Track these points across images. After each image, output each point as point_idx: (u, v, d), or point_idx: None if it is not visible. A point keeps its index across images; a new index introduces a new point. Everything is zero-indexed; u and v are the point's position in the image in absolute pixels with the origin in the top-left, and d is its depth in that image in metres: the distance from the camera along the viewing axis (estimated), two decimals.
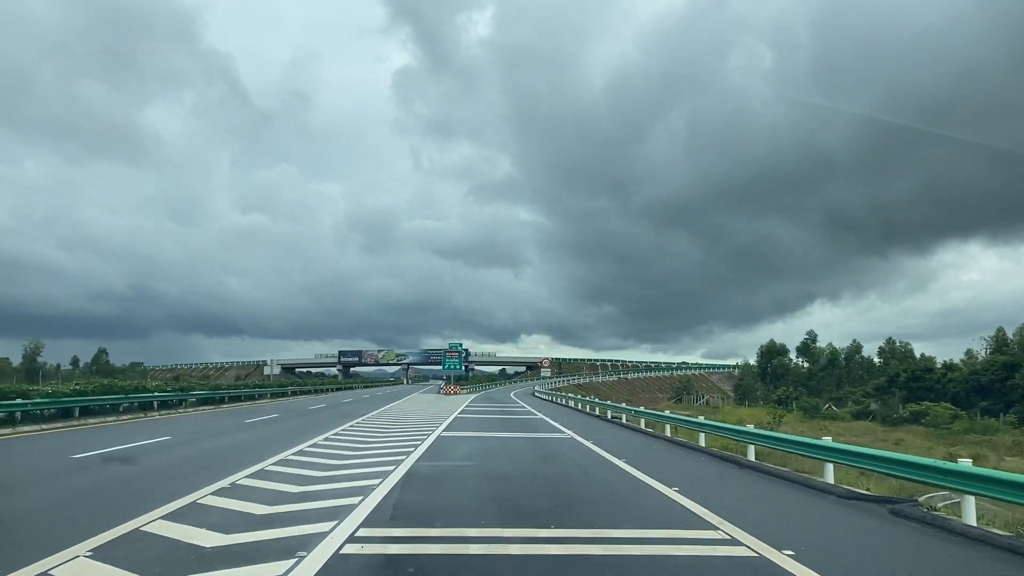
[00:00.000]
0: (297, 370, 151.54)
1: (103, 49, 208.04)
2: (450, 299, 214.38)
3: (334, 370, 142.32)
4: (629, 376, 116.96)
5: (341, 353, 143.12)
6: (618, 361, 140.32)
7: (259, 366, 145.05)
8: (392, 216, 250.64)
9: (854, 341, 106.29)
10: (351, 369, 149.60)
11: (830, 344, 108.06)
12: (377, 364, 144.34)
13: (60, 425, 20.83)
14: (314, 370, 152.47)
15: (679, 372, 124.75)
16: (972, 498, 7.91)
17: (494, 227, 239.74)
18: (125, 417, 24.57)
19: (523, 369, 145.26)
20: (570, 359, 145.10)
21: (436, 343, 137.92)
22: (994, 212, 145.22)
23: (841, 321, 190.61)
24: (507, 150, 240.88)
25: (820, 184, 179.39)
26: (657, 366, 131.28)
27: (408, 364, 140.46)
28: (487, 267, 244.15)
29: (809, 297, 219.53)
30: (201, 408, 32.17)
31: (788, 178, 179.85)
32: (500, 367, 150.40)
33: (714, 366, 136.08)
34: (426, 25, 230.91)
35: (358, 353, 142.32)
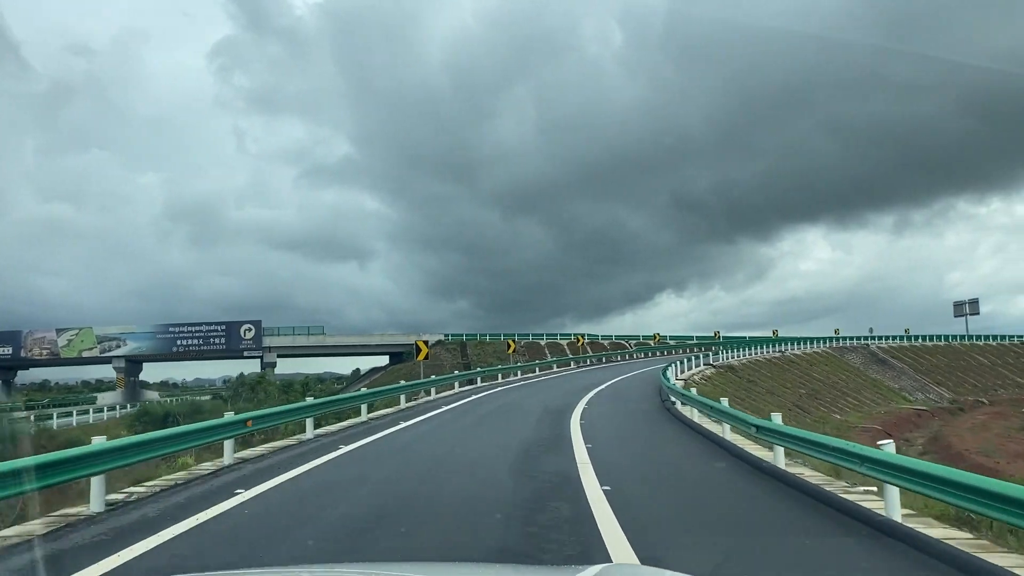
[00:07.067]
0: None
1: None
2: (292, 297, 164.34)
3: None
4: (743, 355, 43.01)
5: None
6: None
7: None
8: (219, 206, 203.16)
9: None
10: (16, 373, 71.01)
11: None
12: (54, 359, 66.00)
13: None
14: None
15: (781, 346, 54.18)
16: None
17: (335, 215, 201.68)
18: None
19: (385, 360, 72.88)
20: (526, 335, 73.59)
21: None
22: (841, 196, 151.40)
23: (686, 312, 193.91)
24: (343, 129, 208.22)
25: (673, 168, 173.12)
26: (754, 340, 58.95)
27: (125, 357, 64.13)
28: (330, 261, 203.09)
29: (658, 287, 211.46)
30: None
31: (641, 161, 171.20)
32: (348, 355, 77.20)
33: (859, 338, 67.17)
34: None
35: (13, 337, 63.96)
